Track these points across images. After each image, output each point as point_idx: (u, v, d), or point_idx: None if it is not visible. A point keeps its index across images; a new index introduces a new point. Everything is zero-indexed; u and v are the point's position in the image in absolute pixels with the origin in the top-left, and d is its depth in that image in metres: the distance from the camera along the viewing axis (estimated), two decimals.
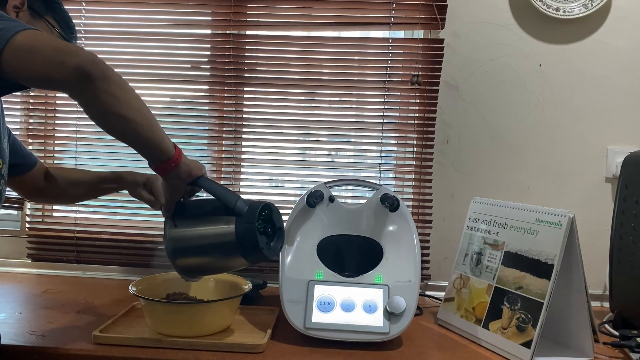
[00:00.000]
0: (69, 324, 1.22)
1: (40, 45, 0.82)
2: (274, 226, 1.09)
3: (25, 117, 1.70)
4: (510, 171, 1.64)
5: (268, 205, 1.06)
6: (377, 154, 1.66)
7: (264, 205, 1.05)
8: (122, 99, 0.86)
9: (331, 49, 1.64)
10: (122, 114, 0.86)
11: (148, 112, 0.91)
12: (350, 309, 1.17)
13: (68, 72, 0.81)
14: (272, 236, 1.08)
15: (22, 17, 1.01)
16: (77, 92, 0.85)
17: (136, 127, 0.89)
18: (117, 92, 0.85)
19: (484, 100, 1.63)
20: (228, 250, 1.03)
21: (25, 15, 1.02)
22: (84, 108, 0.87)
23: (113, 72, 0.85)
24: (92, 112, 0.88)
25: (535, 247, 1.15)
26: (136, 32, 1.67)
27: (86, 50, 0.84)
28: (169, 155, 0.95)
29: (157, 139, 0.93)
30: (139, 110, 0.89)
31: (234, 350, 1.09)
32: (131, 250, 1.68)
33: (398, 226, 1.27)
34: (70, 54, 0.82)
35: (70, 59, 0.81)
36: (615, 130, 1.61)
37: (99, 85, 0.83)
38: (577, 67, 1.61)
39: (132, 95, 0.88)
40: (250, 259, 1.05)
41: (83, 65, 0.81)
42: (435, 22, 1.59)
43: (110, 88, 0.84)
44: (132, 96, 0.88)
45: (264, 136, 1.67)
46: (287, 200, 1.66)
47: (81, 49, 0.85)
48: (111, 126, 0.90)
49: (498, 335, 1.16)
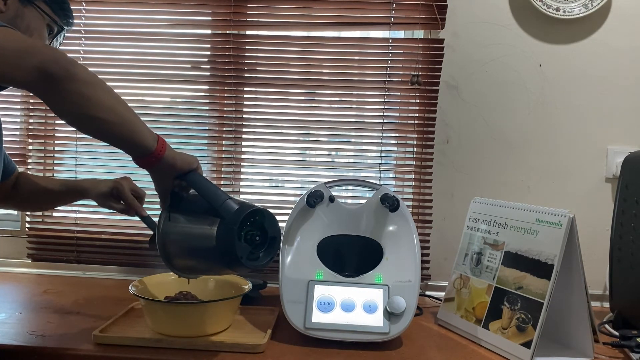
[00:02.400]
0: (69, 324, 1.22)
1: (0, 45, 0.78)
2: (266, 235, 0.99)
3: (26, 117, 1.70)
4: (510, 171, 1.64)
5: (260, 211, 0.97)
6: (377, 154, 1.66)
7: (254, 210, 0.96)
8: (90, 98, 0.82)
9: (331, 49, 1.64)
10: (92, 114, 0.82)
11: (123, 109, 0.86)
12: (350, 309, 1.17)
13: (28, 72, 0.78)
14: (260, 246, 0.98)
15: (11, 5, 0.99)
16: (40, 93, 0.81)
17: (109, 126, 0.85)
18: (85, 91, 0.81)
19: (484, 100, 1.63)
20: (210, 254, 0.96)
21: (14, 3, 1.00)
22: (51, 109, 0.84)
23: (81, 69, 0.81)
24: (59, 113, 0.84)
25: (535, 247, 1.15)
26: (136, 32, 1.67)
27: (51, 48, 0.81)
28: (149, 150, 0.90)
29: (134, 137, 0.88)
30: (111, 109, 0.84)
31: (234, 350, 1.09)
32: (131, 250, 1.68)
33: (398, 226, 1.27)
34: (31, 53, 0.78)
35: (30, 59, 0.78)
36: (615, 130, 1.61)
37: (64, 86, 0.79)
38: (577, 67, 1.61)
39: (102, 93, 0.83)
40: (231, 267, 0.98)
41: (44, 65, 0.78)
42: (435, 22, 1.59)
43: (76, 87, 0.80)
44: (102, 94, 0.83)
45: (264, 136, 1.67)
46: (287, 200, 1.66)
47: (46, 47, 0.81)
48: (82, 126, 0.86)
49: (498, 335, 1.16)
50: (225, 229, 0.93)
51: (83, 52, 1.68)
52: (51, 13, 1.05)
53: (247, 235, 0.96)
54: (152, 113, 1.69)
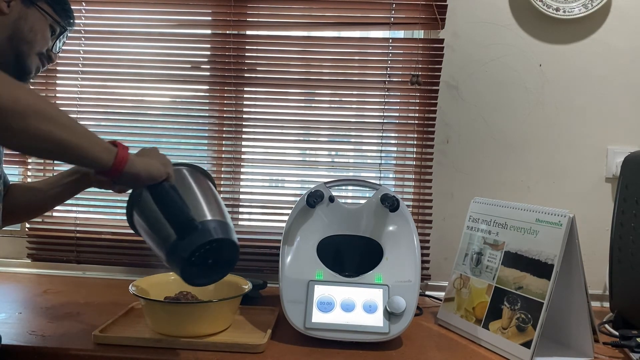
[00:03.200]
0: (69, 324, 1.22)
1: None
2: (220, 256, 0.97)
3: None
4: (510, 171, 1.64)
5: (218, 240, 0.94)
6: (377, 154, 1.66)
7: (211, 240, 0.93)
8: (30, 131, 0.75)
9: (331, 49, 1.64)
10: (39, 147, 0.79)
11: (68, 132, 0.80)
12: (350, 309, 1.17)
13: None
14: (212, 266, 0.96)
15: (14, 7, 0.99)
16: None
17: (57, 155, 0.83)
18: (23, 126, 0.75)
19: (484, 100, 1.63)
20: (160, 253, 0.97)
21: (17, 5, 0.99)
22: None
23: (14, 102, 0.74)
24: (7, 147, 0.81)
25: (535, 247, 1.15)
26: (136, 32, 1.67)
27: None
28: (105, 168, 0.86)
29: (87, 158, 0.84)
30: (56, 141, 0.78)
31: (234, 350, 1.09)
32: (131, 250, 1.68)
33: (398, 226, 1.27)
34: None
35: None
36: (615, 130, 1.61)
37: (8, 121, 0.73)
38: (577, 67, 1.61)
39: (43, 123, 0.77)
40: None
41: None
42: (435, 22, 1.59)
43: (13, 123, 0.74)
44: (43, 125, 0.77)
45: (264, 136, 1.67)
46: (287, 200, 1.66)
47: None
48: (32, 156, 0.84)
49: (498, 335, 1.16)
50: (175, 252, 0.92)
51: (83, 52, 1.68)
52: (53, 14, 1.05)
53: (199, 259, 0.94)
54: (152, 113, 1.69)
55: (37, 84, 1.68)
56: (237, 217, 1.69)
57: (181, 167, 1.06)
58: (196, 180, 1.05)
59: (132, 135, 1.69)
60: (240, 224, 1.70)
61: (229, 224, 0.99)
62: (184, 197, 0.95)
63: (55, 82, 1.69)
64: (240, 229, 1.69)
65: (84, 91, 1.69)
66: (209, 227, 0.95)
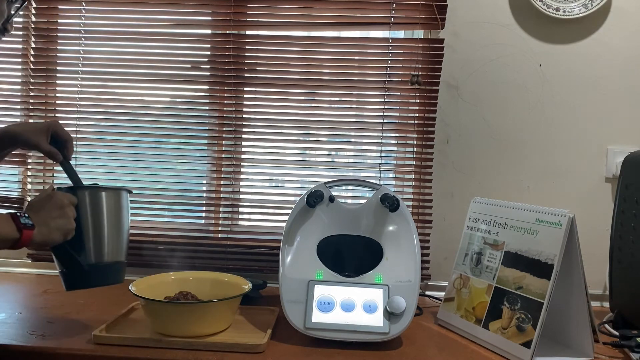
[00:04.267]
0: (69, 324, 1.22)
1: None
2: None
3: (26, 117, 1.70)
4: (510, 171, 1.64)
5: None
6: (377, 154, 1.66)
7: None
8: None
9: (331, 49, 1.64)
10: None
11: None
12: (350, 309, 1.17)
13: None
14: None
15: None
16: None
17: None
18: None
19: (484, 100, 1.63)
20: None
21: None
22: None
23: None
24: None
25: (535, 247, 1.15)
26: (136, 32, 1.67)
27: None
28: (15, 242, 0.95)
29: None
30: None
31: (234, 350, 1.08)
32: (131, 250, 1.65)
33: (398, 226, 1.27)
34: None
35: None
36: (615, 130, 1.61)
37: None
38: (577, 67, 1.61)
39: None
40: None
41: None
42: (435, 22, 1.59)
43: None
44: None
45: (264, 136, 1.67)
46: (287, 200, 1.66)
47: None
48: None
49: (498, 335, 1.16)
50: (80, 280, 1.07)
51: (83, 52, 1.68)
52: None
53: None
54: (152, 113, 1.69)
55: (37, 84, 1.69)
56: (237, 217, 1.69)
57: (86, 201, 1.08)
58: (94, 213, 1.08)
59: (132, 135, 1.69)
60: (240, 224, 1.70)
61: (121, 262, 1.12)
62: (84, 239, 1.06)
63: (55, 82, 1.69)
64: (240, 229, 1.69)
65: (84, 91, 1.69)
66: (96, 275, 1.08)
